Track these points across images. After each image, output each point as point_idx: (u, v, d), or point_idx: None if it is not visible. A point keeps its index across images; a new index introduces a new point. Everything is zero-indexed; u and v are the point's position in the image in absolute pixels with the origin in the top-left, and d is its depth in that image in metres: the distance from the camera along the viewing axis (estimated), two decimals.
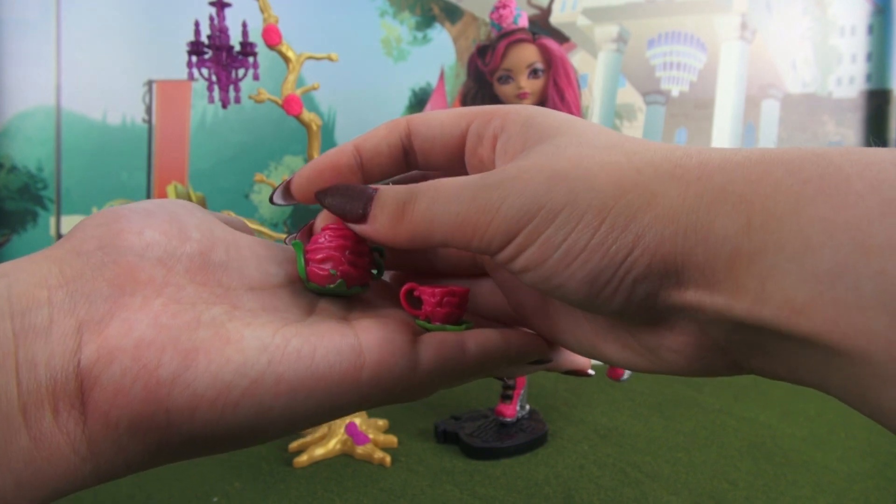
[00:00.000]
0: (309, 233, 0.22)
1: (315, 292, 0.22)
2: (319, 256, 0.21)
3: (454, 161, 0.22)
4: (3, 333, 0.15)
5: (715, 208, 0.15)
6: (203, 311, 0.18)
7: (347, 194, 0.21)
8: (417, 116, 0.22)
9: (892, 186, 0.13)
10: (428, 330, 0.21)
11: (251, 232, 0.25)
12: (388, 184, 0.23)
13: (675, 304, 0.16)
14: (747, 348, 0.16)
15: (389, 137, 0.22)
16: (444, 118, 0.22)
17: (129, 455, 0.17)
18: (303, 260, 0.21)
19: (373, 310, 0.22)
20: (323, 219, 0.22)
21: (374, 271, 0.23)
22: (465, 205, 0.18)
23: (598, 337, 0.20)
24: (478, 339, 0.20)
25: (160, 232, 0.19)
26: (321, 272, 0.21)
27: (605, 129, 0.19)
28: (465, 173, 0.22)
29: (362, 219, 0.20)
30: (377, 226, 0.20)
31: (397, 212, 0.19)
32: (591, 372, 0.24)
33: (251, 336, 0.17)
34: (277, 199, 0.22)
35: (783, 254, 0.14)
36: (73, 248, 0.18)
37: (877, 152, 0.14)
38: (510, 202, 0.17)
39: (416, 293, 0.22)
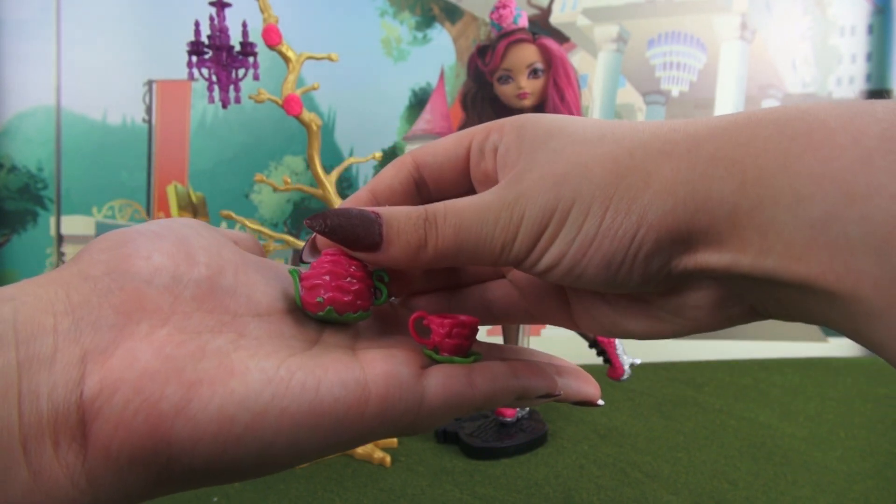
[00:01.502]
0: (312, 247, 0.22)
1: (315, 319, 0.21)
2: (309, 284, 0.20)
3: (463, 181, 0.23)
4: (7, 363, 0.15)
5: (709, 174, 0.16)
6: (209, 341, 0.18)
7: (349, 221, 0.20)
8: (420, 150, 0.23)
9: (871, 137, 0.14)
10: (435, 361, 0.20)
11: (261, 249, 0.24)
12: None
13: (688, 268, 0.17)
14: (760, 296, 0.17)
15: (399, 175, 0.23)
16: (447, 144, 0.23)
17: (129, 488, 0.16)
18: (298, 287, 0.21)
19: (380, 338, 0.22)
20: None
21: (381, 296, 0.22)
22: (490, 226, 0.19)
23: (618, 315, 0.21)
24: (486, 373, 0.20)
25: (168, 256, 0.19)
26: (310, 300, 0.20)
27: (592, 121, 0.20)
28: (472, 188, 0.23)
29: (375, 247, 0.20)
30: (394, 252, 0.20)
31: (419, 237, 0.19)
32: (600, 402, 0.24)
33: (255, 368, 0.17)
34: (307, 257, 0.22)
35: (778, 206, 0.15)
36: (80, 271, 0.18)
37: (859, 105, 0.15)
38: (528, 214, 0.18)
39: (425, 322, 0.21)
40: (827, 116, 0.15)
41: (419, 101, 1.15)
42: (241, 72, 0.74)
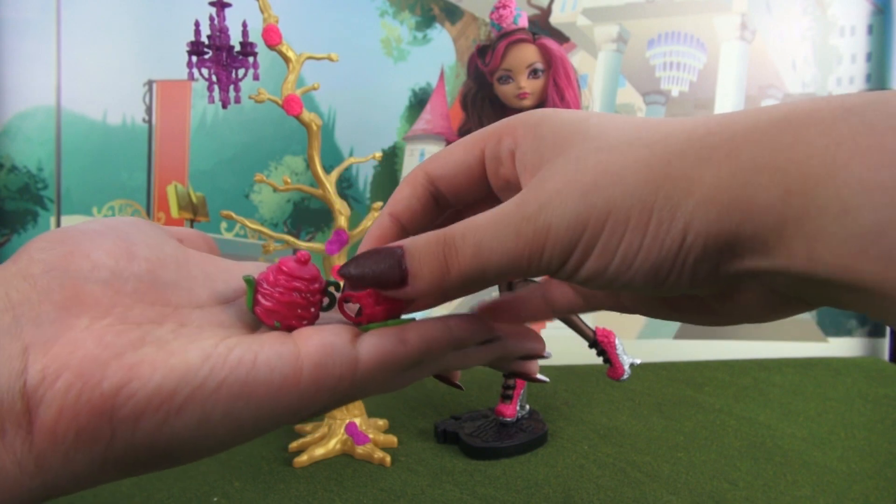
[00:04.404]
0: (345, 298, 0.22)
1: None
2: (268, 305, 0.21)
3: (480, 188, 0.23)
4: None
5: (753, 181, 0.15)
6: (149, 331, 0.18)
7: (373, 260, 0.20)
8: (430, 163, 0.23)
9: None
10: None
11: (211, 245, 0.25)
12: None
13: (737, 272, 0.17)
14: (812, 294, 0.17)
15: (416, 192, 0.23)
16: (456, 154, 0.22)
17: (77, 469, 0.17)
18: (252, 296, 0.21)
19: (317, 323, 0.22)
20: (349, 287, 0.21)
21: (328, 303, 0.23)
22: (512, 240, 0.18)
23: (671, 307, 0.22)
24: (417, 329, 0.20)
25: (107, 253, 0.19)
26: (266, 319, 0.21)
27: (615, 120, 0.19)
28: (494, 195, 0.23)
29: (402, 282, 0.19)
30: (421, 284, 0.19)
31: (441, 264, 0.19)
32: (543, 378, 0.25)
33: (195, 347, 0.18)
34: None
35: (825, 216, 0.14)
36: (19, 271, 0.18)
37: None
38: (555, 225, 0.18)
39: (353, 301, 0.22)
40: (874, 117, 0.14)
41: (419, 101, 1.15)
42: (241, 72, 0.74)
